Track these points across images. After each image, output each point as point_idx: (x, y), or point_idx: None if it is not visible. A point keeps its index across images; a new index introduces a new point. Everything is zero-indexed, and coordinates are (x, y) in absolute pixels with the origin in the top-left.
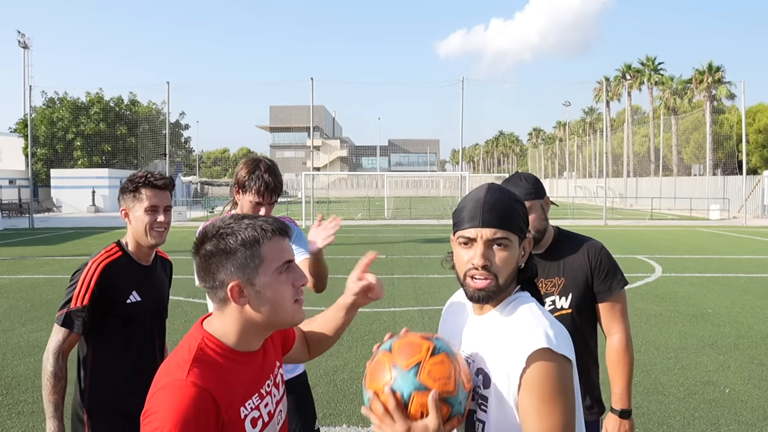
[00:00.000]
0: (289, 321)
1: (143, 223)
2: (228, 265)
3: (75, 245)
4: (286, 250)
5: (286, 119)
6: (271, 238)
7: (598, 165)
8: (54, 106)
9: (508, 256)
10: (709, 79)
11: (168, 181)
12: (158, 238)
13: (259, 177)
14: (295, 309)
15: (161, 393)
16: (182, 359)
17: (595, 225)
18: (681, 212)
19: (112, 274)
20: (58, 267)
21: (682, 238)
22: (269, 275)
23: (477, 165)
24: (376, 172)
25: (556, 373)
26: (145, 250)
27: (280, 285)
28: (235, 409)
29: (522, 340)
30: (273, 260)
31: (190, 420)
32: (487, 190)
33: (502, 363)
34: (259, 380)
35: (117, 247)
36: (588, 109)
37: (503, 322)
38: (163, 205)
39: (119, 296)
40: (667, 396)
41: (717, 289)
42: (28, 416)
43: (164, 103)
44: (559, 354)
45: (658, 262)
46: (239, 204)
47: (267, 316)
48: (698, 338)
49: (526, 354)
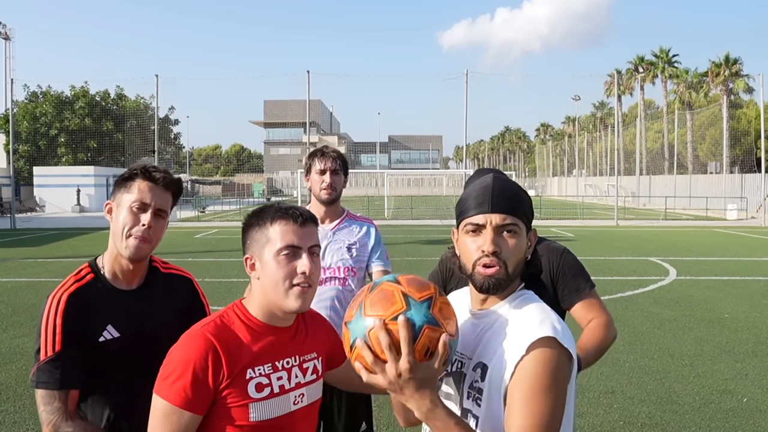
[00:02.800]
0: (283, 304)
1: (121, 225)
2: (247, 240)
3: (59, 247)
4: (295, 234)
5: (281, 114)
6: (281, 221)
7: (609, 162)
8: (37, 101)
9: (518, 243)
10: (726, 72)
11: (171, 179)
12: (136, 250)
13: (320, 150)
14: (292, 293)
15: (182, 338)
16: (209, 318)
17: (606, 225)
18: (696, 212)
19: (78, 306)
20: (41, 270)
21: (697, 239)
22: (272, 255)
23: (482, 162)
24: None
25: (553, 363)
26: (125, 268)
27: (278, 266)
28: (240, 368)
29: (526, 329)
30: (276, 241)
31: (193, 362)
32: (494, 177)
33: (502, 353)
34: (278, 353)
35: (88, 268)
36: (599, 104)
37: (509, 316)
38: (155, 206)
39: (89, 333)
40: (681, 405)
41: (734, 293)
42: (10, 426)
43: (153, 97)
44: (563, 346)
45: (672, 264)
46: (309, 185)
47: (267, 294)
48: (715, 345)
49: (528, 341)
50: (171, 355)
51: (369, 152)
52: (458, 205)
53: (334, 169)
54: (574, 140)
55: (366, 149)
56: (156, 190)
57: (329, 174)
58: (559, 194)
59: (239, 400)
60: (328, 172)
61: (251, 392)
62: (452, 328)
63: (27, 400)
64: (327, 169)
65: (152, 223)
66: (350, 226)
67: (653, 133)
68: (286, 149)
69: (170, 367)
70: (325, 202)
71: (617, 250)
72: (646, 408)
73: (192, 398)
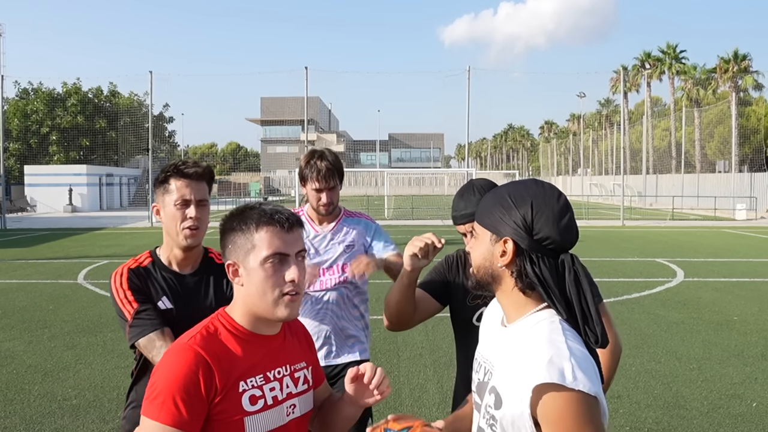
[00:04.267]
0: (271, 313)
1: (174, 221)
2: (228, 244)
3: (50, 247)
4: (282, 241)
5: (279, 112)
6: (266, 227)
7: (615, 161)
8: (28, 98)
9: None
10: (735, 68)
11: (201, 170)
12: (191, 239)
13: (314, 165)
14: (281, 303)
15: (166, 354)
16: (194, 330)
17: (612, 226)
18: (704, 212)
19: (138, 275)
20: (32, 271)
21: (705, 239)
22: (257, 263)
23: (484, 161)
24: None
25: (571, 410)
26: (180, 255)
27: (265, 275)
28: (233, 380)
29: (531, 367)
30: (262, 248)
31: (183, 378)
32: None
33: (511, 389)
34: (268, 363)
35: (148, 253)
36: (604, 101)
37: (521, 340)
38: (195, 198)
39: (151, 296)
40: (689, 410)
41: (744, 295)
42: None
43: (147, 95)
44: (572, 390)
45: (679, 265)
46: (305, 194)
47: (254, 302)
48: (723, 348)
49: (532, 383)
50: (157, 373)
51: (368, 150)
52: None
53: (330, 186)
54: (579, 138)
55: (365, 147)
56: (192, 184)
57: (326, 193)
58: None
59: (233, 415)
60: (325, 192)
61: (245, 405)
62: None
63: (17, 405)
64: (323, 188)
65: (198, 215)
66: (348, 224)
67: (660, 131)
68: (284, 147)
69: (158, 386)
70: (324, 214)
71: (623, 251)
72: (653, 413)
73: (185, 417)
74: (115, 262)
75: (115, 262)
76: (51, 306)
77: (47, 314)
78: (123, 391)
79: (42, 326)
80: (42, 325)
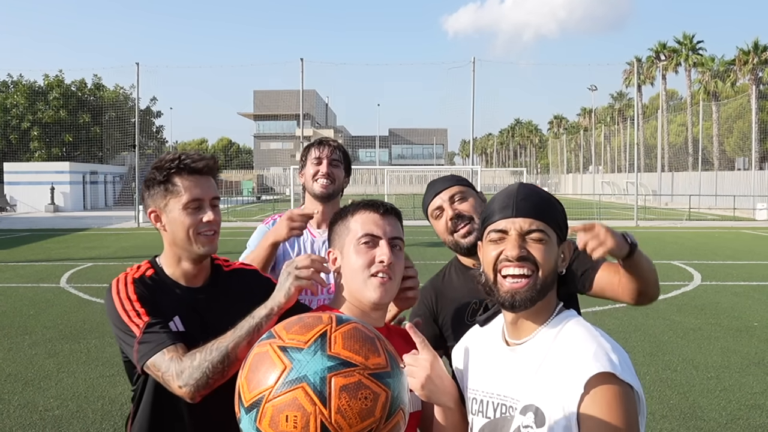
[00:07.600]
0: (362, 296)
1: (184, 227)
2: (332, 235)
3: (31, 249)
4: (375, 223)
5: (272, 106)
6: (362, 211)
7: (628, 158)
8: (7, 91)
9: (546, 250)
10: (755, 59)
11: (210, 162)
12: (209, 245)
13: (317, 142)
14: (370, 284)
15: None
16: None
17: (625, 226)
18: (723, 212)
19: (144, 286)
20: (12, 274)
21: (724, 241)
22: (351, 244)
23: (490, 158)
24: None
25: (620, 403)
26: (191, 268)
27: (356, 255)
28: None
29: (579, 364)
30: (357, 231)
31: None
32: (521, 184)
33: (556, 395)
34: None
35: (149, 264)
36: (617, 94)
37: (555, 346)
38: (208, 198)
39: (162, 312)
40: (707, 422)
41: (764, 300)
42: None
43: (133, 88)
44: (623, 381)
45: (696, 268)
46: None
47: (349, 286)
48: (743, 356)
49: (584, 378)
50: None
51: (368, 147)
52: (481, 215)
53: (332, 158)
54: (591, 134)
55: (365, 143)
56: (201, 180)
57: (326, 163)
58: (574, 192)
59: None
60: (325, 160)
61: None
62: (378, 356)
63: None
64: (324, 157)
65: (214, 216)
66: None
67: (676, 126)
68: (278, 143)
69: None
70: (321, 196)
71: None
72: (668, 424)
73: None
74: (100, 265)
75: (100, 265)
76: (32, 311)
77: (28, 320)
78: (107, 401)
79: (22, 333)
80: (22, 332)
